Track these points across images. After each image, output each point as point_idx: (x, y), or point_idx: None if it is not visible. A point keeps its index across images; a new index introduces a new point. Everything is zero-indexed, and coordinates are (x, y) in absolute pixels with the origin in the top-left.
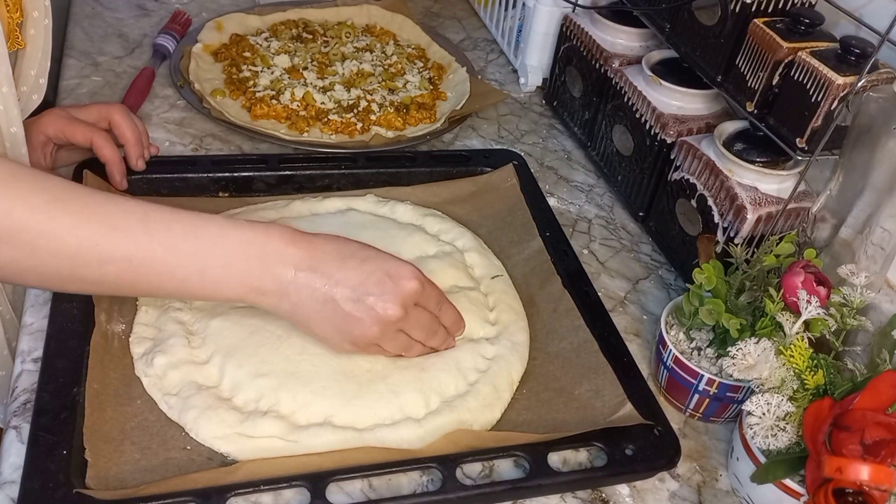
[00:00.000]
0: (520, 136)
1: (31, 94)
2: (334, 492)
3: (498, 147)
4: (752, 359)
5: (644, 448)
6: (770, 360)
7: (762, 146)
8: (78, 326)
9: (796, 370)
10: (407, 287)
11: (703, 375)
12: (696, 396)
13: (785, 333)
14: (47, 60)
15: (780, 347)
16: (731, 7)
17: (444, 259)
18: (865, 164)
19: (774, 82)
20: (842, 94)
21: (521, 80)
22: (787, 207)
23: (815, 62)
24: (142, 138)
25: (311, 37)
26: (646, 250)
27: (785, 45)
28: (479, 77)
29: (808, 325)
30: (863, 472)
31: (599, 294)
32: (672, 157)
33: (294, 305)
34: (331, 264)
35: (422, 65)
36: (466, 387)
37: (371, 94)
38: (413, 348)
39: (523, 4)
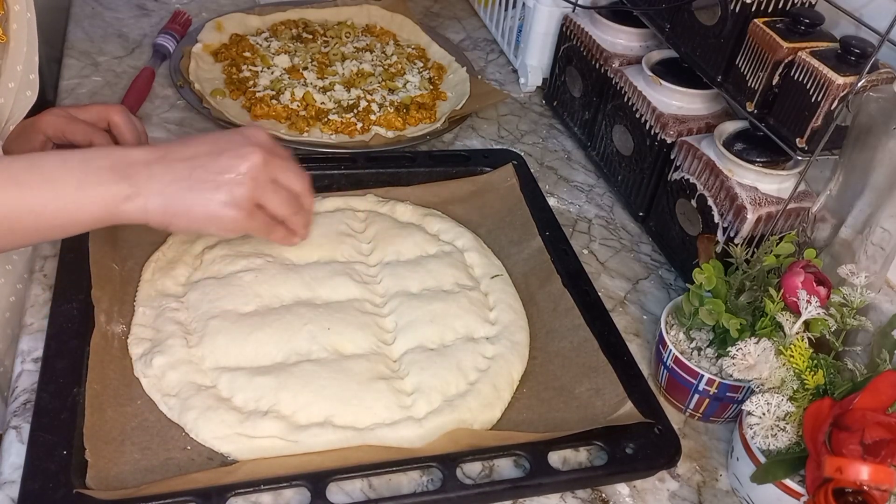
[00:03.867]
0: (520, 136)
1: (24, 90)
2: (334, 491)
3: (498, 147)
4: (752, 359)
5: (644, 446)
6: (770, 360)
7: (762, 146)
8: (78, 327)
9: (796, 370)
10: (254, 132)
11: (703, 375)
12: (696, 396)
13: (785, 333)
14: (35, 55)
15: (780, 347)
16: (731, 7)
17: (444, 259)
18: (865, 164)
19: (774, 82)
20: (842, 94)
21: (521, 80)
22: (787, 207)
23: (815, 62)
24: (141, 139)
25: (311, 37)
26: (646, 250)
27: (785, 45)
28: (479, 77)
29: (808, 325)
30: (863, 472)
31: (599, 294)
32: (672, 157)
33: (162, 195)
34: (177, 146)
35: (422, 65)
36: (467, 386)
37: (371, 94)
38: (296, 216)
39: (523, 4)
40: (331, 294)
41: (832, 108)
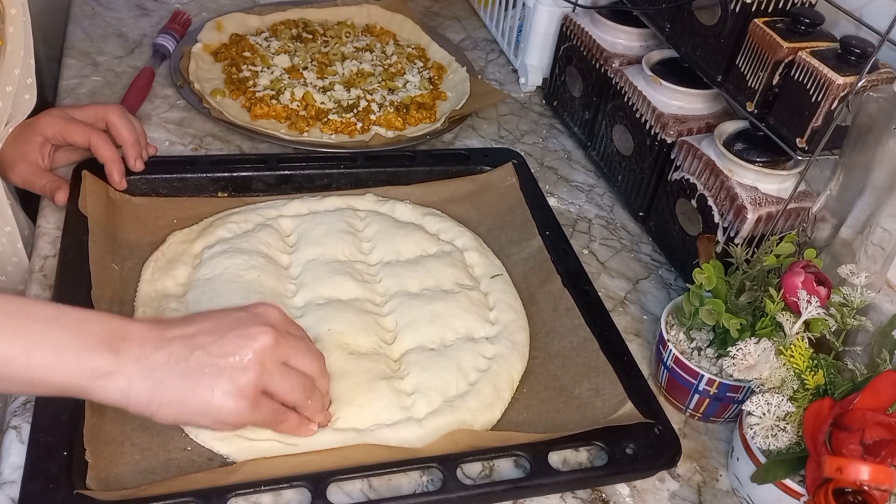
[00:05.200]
0: (520, 135)
1: (23, 94)
2: (334, 492)
3: (498, 147)
4: (753, 359)
5: (644, 447)
6: (770, 360)
7: (762, 146)
8: None
9: (796, 370)
10: (268, 311)
11: (703, 375)
12: (697, 396)
13: (785, 333)
14: (31, 58)
15: (781, 347)
16: (731, 7)
17: (444, 258)
18: (866, 164)
19: (774, 82)
20: (842, 94)
21: (521, 80)
22: (788, 207)
23: (816, 62)
24: (140, 139)
25: (311, 37)
26: (646, 250)
27: (785, 44)
28: (479, 77)
29: (808, 325)
30: (863, 472)
31: (599, 294)
32: (672, 157)
33: (152, 379)
34: (179, 322)
35: (422, 65)
36: (467, 386)
37: (371, 94)
38: (306, 405)
39: (523, 4)
40: (332, 293)
41: (832, 107)
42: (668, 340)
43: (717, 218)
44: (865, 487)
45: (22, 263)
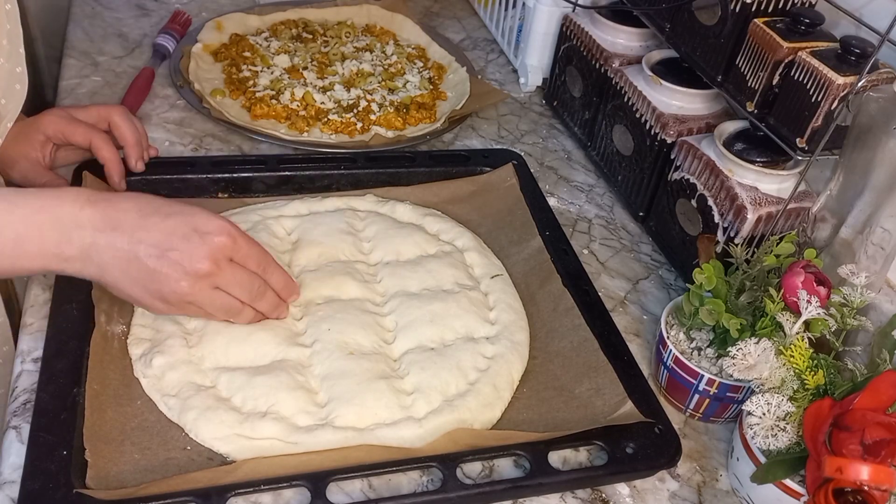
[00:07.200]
0: (520, 136)
1: (13, 84)
2: (334, 491)
3: (498, 147)
4: (753, 359)
5: (645, 446)
6: (770, 360)
7: (762, 146)
8: (78, 327)
9: (796, 370)
10: (216, 241)
11: (703, 375)
12: (697, 396)
13: (785, 333)
14: (19, 47)
15: (781, 347)
16: (731, 7)
17: (444, 258)
18: (865, 164)
19: (774, 82)
20: (842, 94)
21: (521, 80)
22: (788, 207)
23: (816, 62)
24: (141, 140)
25: (311, 37)
26: (646, 250)
27: (785, 44)
28: (479, 77)
29: (808, 325)
30: (863, 472)
31: (599, 294)
32: (672, 156)
33: (99, 268)
34: (132, 222)
35: (422, 65)
36: (467, 386)
37: (371, 94)
38: (242, 312)
39: (523, 4)
40: (332, 293)
41: (832, 107)
42: (668, 340)
43: (717, 218)
44: (865, 487)
45: None
